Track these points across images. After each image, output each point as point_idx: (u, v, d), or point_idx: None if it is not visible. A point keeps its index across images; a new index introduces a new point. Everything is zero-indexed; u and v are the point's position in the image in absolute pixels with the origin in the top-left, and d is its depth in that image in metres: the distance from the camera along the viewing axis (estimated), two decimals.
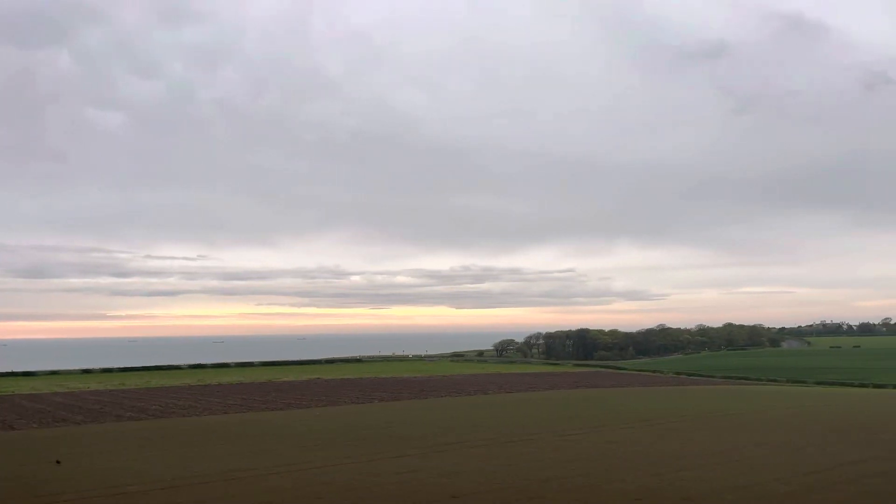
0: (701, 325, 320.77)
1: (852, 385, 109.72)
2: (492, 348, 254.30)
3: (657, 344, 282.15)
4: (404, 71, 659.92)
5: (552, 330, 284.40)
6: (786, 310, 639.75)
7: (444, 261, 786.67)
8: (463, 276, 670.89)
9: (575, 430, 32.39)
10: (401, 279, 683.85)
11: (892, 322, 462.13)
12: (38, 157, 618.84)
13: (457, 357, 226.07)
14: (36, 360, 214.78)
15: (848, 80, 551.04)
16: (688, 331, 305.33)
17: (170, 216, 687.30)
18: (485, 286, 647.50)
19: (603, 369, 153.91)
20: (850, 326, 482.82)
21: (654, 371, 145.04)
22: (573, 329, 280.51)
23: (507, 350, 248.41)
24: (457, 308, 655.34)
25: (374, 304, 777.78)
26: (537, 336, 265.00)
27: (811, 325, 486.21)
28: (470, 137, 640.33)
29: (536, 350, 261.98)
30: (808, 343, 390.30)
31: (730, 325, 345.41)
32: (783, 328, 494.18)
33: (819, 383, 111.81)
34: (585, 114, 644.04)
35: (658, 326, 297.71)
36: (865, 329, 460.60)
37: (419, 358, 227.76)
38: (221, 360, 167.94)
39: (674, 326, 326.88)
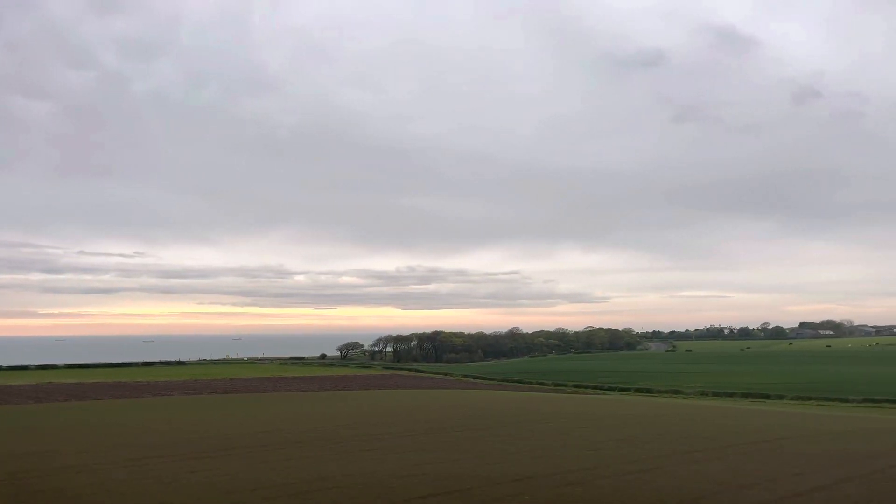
0: (560, 328, 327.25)
1: (603, 389, 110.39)
2: (337, 351, 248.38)
3: (508, 346, 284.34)
4: (346, 69, 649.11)
5: (419, 331, 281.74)
6: (721, 313, 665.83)
7: (390, 261, 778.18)
8: (409, 276, 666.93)
9: None
10: (346, 280, 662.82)
11: (770, 327, 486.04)
12: None
13: (295, 360, 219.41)
14: None
15: (778, 93, 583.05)
16: (542, 334, 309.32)
17: (104, 211, 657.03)
18: (431, 287, 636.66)
19: (409, 372, 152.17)
20: (731, 331, 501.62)
21: (445, 374, 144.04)
22: (427, 332, 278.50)
23: (351, 353, 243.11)
24: (403, 309, 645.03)
25: (318, 304, 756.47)
26: (387, 339, 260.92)
27: (702, 329, 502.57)
28: (415, 138, 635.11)
29: (387, 352, 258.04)
30: (673, 347, 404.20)
31: (591, 328, 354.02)
32: (659, 331, 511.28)
33: (578, 386, 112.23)
34: (529, 119, 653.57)
35: (511, 330, 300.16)
36: (744, 333, 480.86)
37: (254, 360, 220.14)
38: (127, 361, 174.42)
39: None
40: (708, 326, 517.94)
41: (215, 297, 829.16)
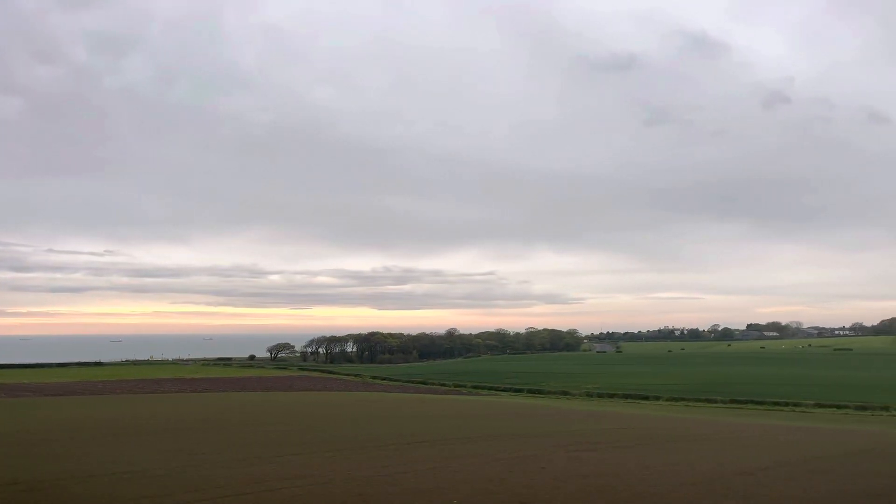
0: (501, 329, 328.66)
1: (498, 390, 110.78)
2: (270, 353, 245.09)
3: (445, 347, 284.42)
4: (320, 67, 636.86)
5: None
6: (695, 314, 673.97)
7: (366, 262, 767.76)
8: (385, 277, 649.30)
9: None
10: (321, 279, 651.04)
11: (720, 328, 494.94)
12: None
13: (222, 361, 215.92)
14: None
15: (748, 97, 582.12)
16: (481, 335, 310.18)
17: (74, 209, 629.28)
18: (407, 288, 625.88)
19: (320, 373, 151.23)
20: (682, 332, 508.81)
21: (356, 375, 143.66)
22: (363, 333, 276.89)
23: (281, 354, 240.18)
24: (379, 309, 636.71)
25: (293, 304, 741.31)
26: (320, 340, 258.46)
27: (654, 330, 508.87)
28: (390, 137, 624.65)
29: (319, 354, 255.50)
30: (618, 348, 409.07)
31: (532, 329, 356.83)
32: (613, 332, 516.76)
33: (475, 387, 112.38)
34: (503, 120, 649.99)
35: (448, 331, 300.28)
36: (694, 335, 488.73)
37: (179, 362, 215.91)
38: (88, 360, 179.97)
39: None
40: (660, 328, 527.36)
41: (189, 296, 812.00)
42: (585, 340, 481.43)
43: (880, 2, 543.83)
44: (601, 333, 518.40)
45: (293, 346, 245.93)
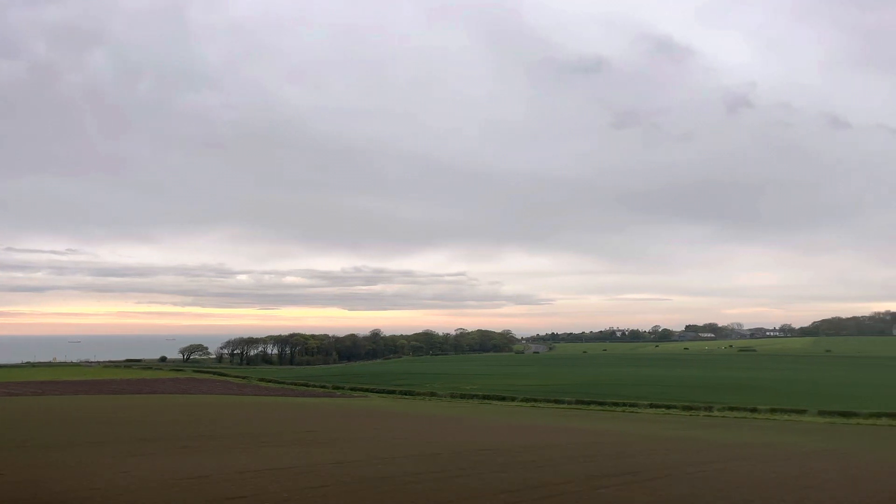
0: (428, 330, 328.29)
1: (374, 392, 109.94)
2: (182, 354, 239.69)
3: (367, 349, 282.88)
4: (287, 65, 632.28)
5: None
6: (662, 315, 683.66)
7: (335, 262, 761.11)
8: (354, 277, 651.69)
9: None
10: (290, 280, 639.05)
11: (661, 329, 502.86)
12: None
13: (132, 362, 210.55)
14: None
15: (712, 101, 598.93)
16: (406, 336, 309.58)
17: (35, 207, 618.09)
18: (377, 288, 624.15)
19: (216, 376, 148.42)
20: (623, 333, 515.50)
21: (245, 377, 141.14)
22: (283, 334, 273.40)
23: (193, 356, 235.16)
24: (349, 310, 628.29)
25: (262, 304, 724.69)
26: (237, 341, 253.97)
27: (596, 332, 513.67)
28: (358, 137, 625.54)
29: (234, 355, 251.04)
30: (551, 348, 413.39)
31: (462, 330, 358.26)
32: (556, 333, 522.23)
33: (353, 389, 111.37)
34: (473, 120, 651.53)
35: (373, 332, 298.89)
36: (634, 336, 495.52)
37: (86, 363, 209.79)
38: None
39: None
40: (602, 329, 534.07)
41: (154, 296, 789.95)
42: (523, 341, 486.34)
43: (841, 9, 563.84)
44: (538, 335, 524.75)
45: (207, 348, 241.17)
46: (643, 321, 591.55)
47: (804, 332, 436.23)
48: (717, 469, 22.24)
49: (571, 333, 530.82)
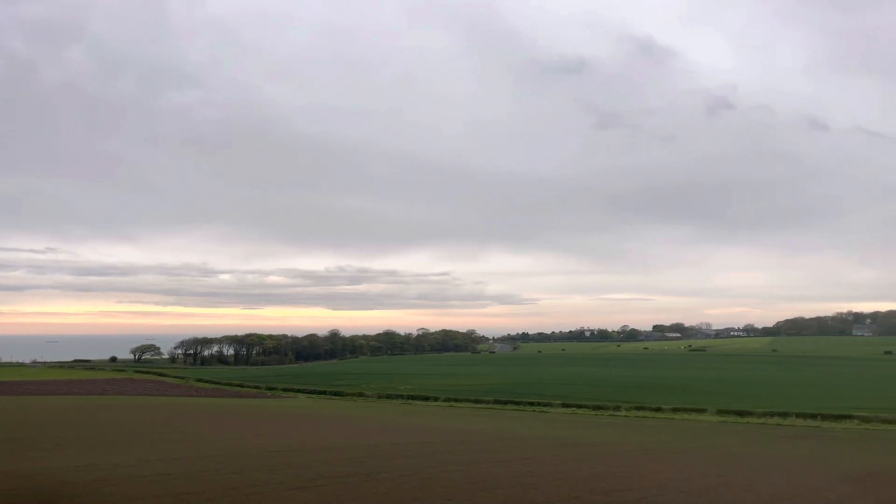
0: (389, 329, 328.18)
1: (306, 392, 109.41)
2: (133, 354, 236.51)
3: (325, 349, 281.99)
4: (270, 63, 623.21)
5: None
6: (644, 315, 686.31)
7: (319, 261, 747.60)
8: (339, 277, 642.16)
9: None
10: (273, 279, 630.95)
11: (629, 329, 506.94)
12: None
13: (80, 363, 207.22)
14: None
15: (693, 103, 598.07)
16: (365, 336, 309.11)
17: (13, 204, 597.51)
18: (361, 287, 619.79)
19: (157, 376, 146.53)
20: (592, 332, 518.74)
21: (183, 377, 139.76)
22: (240, 334, 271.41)
23: (145, 356, 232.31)
24: (333, 310, 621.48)
25: (245, 304, 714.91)
26: (191, 341, 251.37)
27: (566, 332, 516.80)
28: (342, 136, 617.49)
29: (187, 355, 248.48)
30: (515, 348, 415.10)
31: (424, 330, 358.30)
32: (521, 333, 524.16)
33: (285, 390, 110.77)
34: (456, 120, 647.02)
35: (331, 332, 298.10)
36: (603, 336, 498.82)
37: (35, 363, 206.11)
38: None
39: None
40: (572, 329, 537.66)
41: (136, 295, 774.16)
42: (490, 341, 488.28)
43: (820, 12, 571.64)
44: (508, 335, 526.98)
45: (159, 348, 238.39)
46: (626, 321, 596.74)
47: (767, 332, 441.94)
48: (467, 471, 22.44)
49: (542, 333, 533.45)
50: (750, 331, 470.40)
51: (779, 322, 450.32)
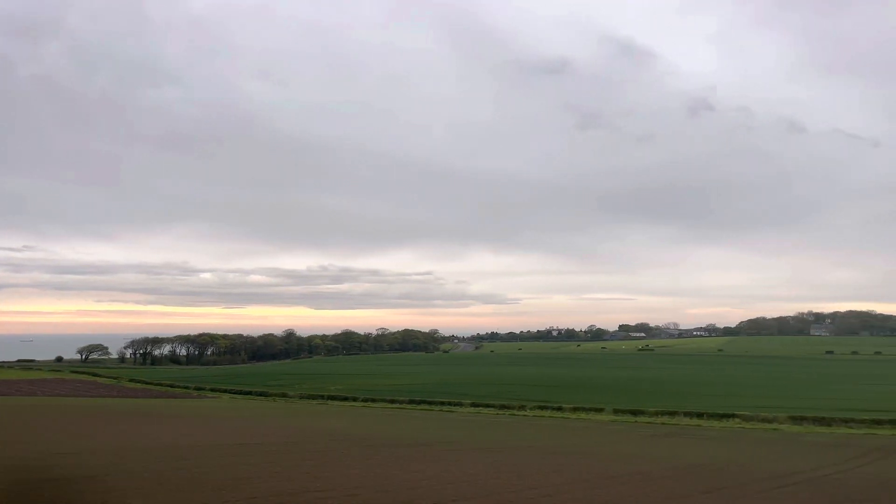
0: (348, 329, 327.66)
1: (235, 393, 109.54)
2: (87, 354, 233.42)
3: (280, 348, 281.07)
4: (250, 62, 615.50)
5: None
6: (627, 315, 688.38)
7: (301, 260, 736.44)
8: (321, 276, 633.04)
9: None
10: (255, 278, 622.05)
11: (595, 328, 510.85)
12: None
13: (23, 363, 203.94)
14: None
15: (674, 104, 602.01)
16: (322, 336, 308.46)
17: None
18: (344, 287, 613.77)
19: (89, 377, 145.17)
20: (559, 332, 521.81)
21: (116, 378, 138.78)
22: (192, 334, 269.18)
23: (92, 356, 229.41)
24: (315, 309, 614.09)
25: (227, 303, 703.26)
26: (142, 340, 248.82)
27: (534, 331, 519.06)
28: (323, 135, 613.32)
29: (138, 355, 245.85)
30: (477, 347, 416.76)
31: (383, 330, 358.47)
32: (490, 333, 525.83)
33: (214, 390, 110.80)
34: (439, 120, 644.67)
35: (286, 332, 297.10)
36: (569, 335, 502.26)
37: None
38: None
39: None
40: (538, 329, 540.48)
41: (115, 294, 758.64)
42: (455, 340, 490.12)
43: (799, 14, 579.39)
44: (477, 334, 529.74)
45: (107, 348, 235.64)
46: (608, 321, 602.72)
47: (727, 332, 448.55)
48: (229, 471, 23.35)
49: (512, 333, 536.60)
50: (712, 331, 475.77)
51: (741, 322, 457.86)
